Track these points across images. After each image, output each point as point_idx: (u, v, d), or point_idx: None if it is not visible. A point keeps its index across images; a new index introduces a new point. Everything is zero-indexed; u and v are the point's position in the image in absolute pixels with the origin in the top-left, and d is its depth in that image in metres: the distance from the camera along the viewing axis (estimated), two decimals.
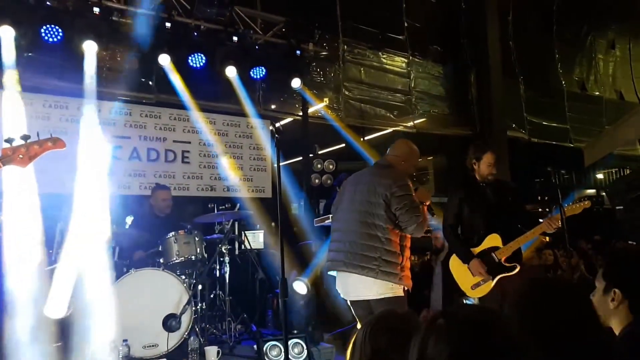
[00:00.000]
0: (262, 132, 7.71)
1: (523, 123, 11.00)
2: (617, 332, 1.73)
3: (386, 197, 3.32)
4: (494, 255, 3.76)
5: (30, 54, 6.06)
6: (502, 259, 3.74)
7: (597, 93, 12.66)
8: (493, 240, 3.79)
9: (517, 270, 3.72)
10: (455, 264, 3.93)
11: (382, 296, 3.25)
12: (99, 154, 5.81)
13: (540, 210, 12.66)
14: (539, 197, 11.83)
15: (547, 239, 10.95)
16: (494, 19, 10.66)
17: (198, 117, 7.15)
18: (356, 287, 3.35)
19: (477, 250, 3.84)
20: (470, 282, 3.80)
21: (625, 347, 1.66)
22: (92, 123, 6.09)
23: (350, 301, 3.46)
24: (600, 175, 14.24)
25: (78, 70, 6.09)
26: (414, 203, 3.31)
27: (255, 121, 7.70)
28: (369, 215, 3.35)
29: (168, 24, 6.44)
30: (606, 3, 12.27)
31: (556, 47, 12.01)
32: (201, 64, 6.72)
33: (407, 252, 3.42)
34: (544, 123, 11.34)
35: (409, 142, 3.78)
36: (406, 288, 3.36)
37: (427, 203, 3.48)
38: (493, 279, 3.73)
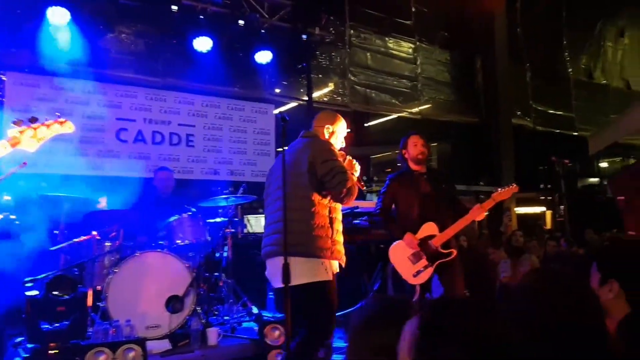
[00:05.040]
0: (266, 117, 7.74)
1: (528, 111, 10.97)
2: (614, 324, 1.75)
3: (311, 164, 3.05)
4: (430, 243, 3.86)
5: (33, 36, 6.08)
6: (438, 246, 3.84)
7: (604, 81, 12.58)
8: (429, 228, 3.88)
9: (453, 255, 3.82)
10: (396, 254, 4.00)
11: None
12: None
13: (542, 197, 12.71)
14: (542, 185, 11.86)
15: (548, 226, 10.97)
16: (501, 5, 10.57)
17: (203, 101, 7.19)
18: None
19: (416, 238, 3.93)
20: (412, 270, 3.89)
21: (622, 337, 1.69)
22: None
23: None
24: (604, 164, 14.20)
25: (88, 55, 6.12)
26: (342, 168, 3.06)
27: (260, 105, 7.72)
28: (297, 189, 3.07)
29: (175, 7, 6.44)
30: None
31: (564, 34, 11.90)
32: (207, 47, 6.73)
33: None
34: (549, 111, 11.31)
35: (329, 111, 3.55)
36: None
37: (356, 174, 3.28)
38: (432, 265, 3.84)
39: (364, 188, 3.42)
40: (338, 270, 3.15)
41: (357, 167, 3.33)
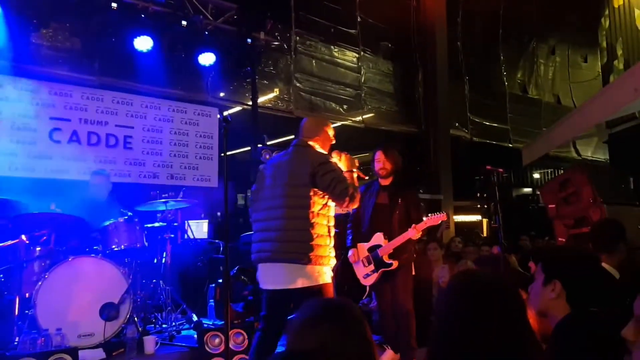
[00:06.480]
0: (209, 120, 7.60)
1: (466, 122, 11.36)
2: (556, 321, 1.85)
3: (311, 177, 3.14)
4: (378, 251, 4.19)
5: None
6: (383, 256, 4.15)
7: (537, 96, 13.26)
8: (377, 238, 4.21)
9: (393, 266, 4.13)
10: (356, 255, 4.34)
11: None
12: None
13: (478, 206, 13.16)
14: (478, 194, 12.30)
15: (484, 234, 11.35)
16: (442, 19, 10.92)
17: (143, 102, 6.98)
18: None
19: (367, 245, 4.28)
20: (363, 272, 4.28)
21: (561, 335, 1.79)
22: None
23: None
24: (536, 175, 14.89)
25: (19, 50, 5.81)
26: (340, 176, 3.17)
27: (203, 108, 7.57)
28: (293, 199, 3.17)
29: (114, 4, 6.22)
30: (548, 11, 12.83)
31: (501, 50, 12.45)
32: (148, 47, 6.55)
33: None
34: (486, 123, 11.77)
35: (315, 118, 3.85)
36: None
37: (355, 169, 3.40)
38: (376, 272, 4.19)
39: (366, 177, 3.58)
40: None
41: (356, 162, 3.44)
